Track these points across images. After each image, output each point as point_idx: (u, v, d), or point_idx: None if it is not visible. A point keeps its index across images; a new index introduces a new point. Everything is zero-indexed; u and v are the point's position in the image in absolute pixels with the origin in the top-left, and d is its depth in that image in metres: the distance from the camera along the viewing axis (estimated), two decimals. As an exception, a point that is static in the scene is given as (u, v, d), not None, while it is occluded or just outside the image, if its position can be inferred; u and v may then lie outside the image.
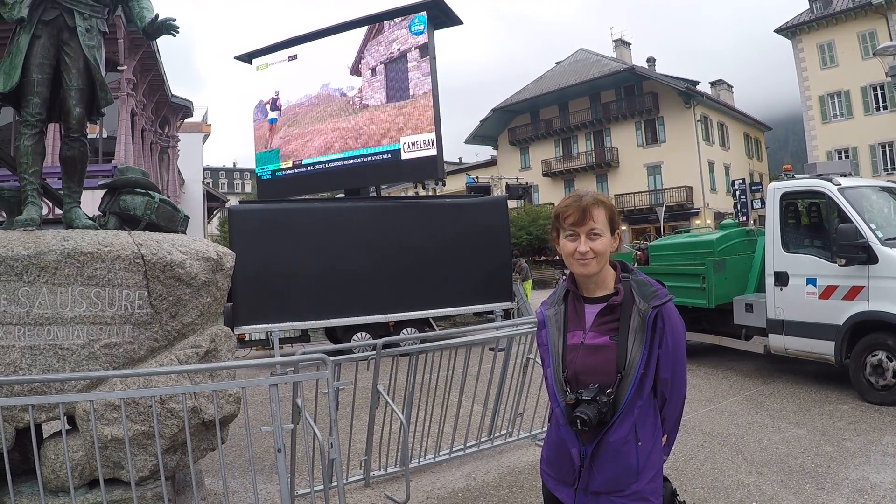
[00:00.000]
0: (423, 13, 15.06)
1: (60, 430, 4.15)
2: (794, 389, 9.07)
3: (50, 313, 4.31)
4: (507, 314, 14.57)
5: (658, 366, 2.46)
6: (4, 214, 5.33)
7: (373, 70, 15.87)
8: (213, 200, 42.96)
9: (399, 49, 15.44)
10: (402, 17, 15.44)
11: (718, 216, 43.36)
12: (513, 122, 59.38)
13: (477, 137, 61.07)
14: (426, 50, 15.00)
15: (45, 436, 4.60)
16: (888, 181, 11.57)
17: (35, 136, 4.97)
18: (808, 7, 44.22)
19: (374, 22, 15.88)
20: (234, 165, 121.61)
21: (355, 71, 16.21)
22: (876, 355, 8.09)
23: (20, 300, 4.24)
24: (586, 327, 2.53)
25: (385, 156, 15.31)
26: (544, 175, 56.02)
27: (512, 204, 29.54)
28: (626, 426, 2.42)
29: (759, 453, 6.53)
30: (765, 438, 7.00)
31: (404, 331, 13.69)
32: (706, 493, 5.56)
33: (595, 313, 2.53)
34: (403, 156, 15.03)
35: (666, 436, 2.62)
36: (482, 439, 7.05)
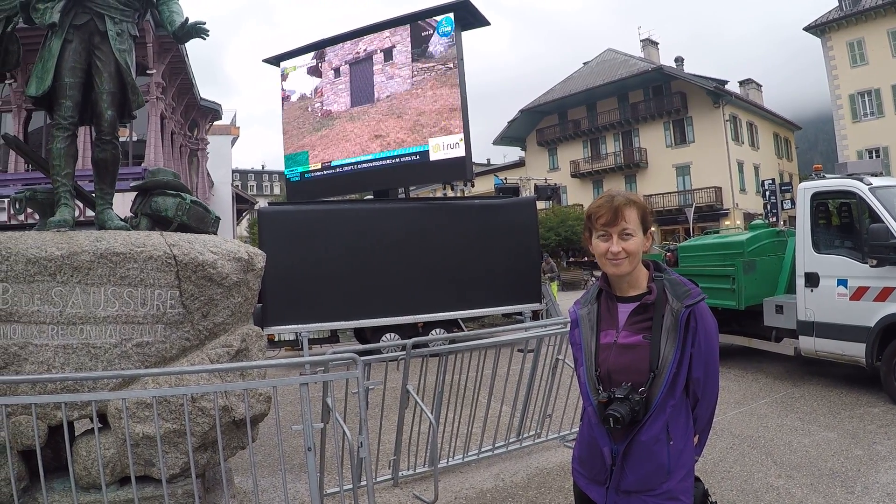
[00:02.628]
0: (451, 14, 15.10)
1: (92, 428, 4.20)
2: (825, 392, 8.96)
3: (83, 313, 4.37)
4: (535, 315, 14.52)
5: (691, 365, 2.45)
6: (38, 216, 5.41)
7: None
8: (242, 202, 43.25)
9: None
10: (431, 18, 15.48)
11: (748, 217, 42.87)
12: (541, 123, 59.19)
13: (505, 139, 61.02)
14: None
15: (77, 433, 4.66)
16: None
17: (67, 138, 5.05)
18: (837, 5, 43.61)
19: (404, 23, 15.97)
20: (263, 168, 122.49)
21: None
22: (908, 358, 7.96)
23: (53, 300, 4.31)
24: (619, 326, 2.53)
25: (414, 157, 15.38)
26: (573, 176, 55.80)
27: (540, 205, 29.48)
28: (659, 425, 2.42)
29: (788, 456, 6.45)
30: (794, 441, 6.92)
31: (433, 332, 13.69)
32: (735, 496, 5.51)
33: (628, 312, 2.53)
34: (432, 157, 15.08)
35: (698, 436, 2.61)
36: (511, 440, 7.03)
